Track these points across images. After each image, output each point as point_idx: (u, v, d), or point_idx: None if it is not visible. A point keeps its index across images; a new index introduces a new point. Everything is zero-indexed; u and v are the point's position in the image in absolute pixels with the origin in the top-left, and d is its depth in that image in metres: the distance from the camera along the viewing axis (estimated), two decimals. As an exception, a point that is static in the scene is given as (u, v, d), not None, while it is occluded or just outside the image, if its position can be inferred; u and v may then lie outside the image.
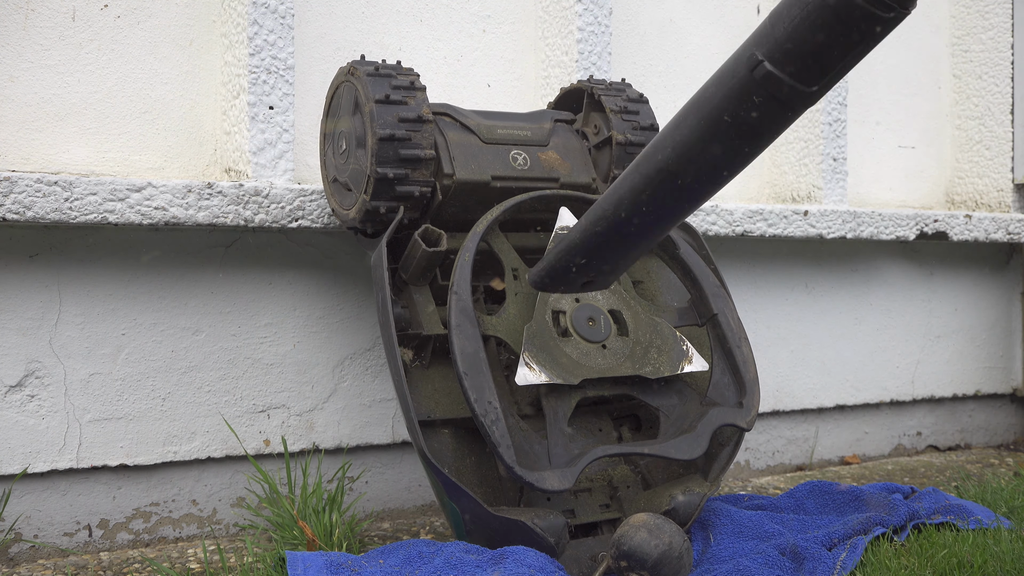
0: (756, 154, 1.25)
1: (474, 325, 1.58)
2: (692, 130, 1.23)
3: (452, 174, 1.73)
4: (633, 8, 2.44)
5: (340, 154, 1.78)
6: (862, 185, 2.80)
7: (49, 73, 1.81)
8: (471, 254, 1.64)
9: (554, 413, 1.62)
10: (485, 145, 1.79)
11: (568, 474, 1.54)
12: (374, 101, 1.68)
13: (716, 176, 1.27)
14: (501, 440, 1.51)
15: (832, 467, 2.60)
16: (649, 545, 1.48)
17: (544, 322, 1.65)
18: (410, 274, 1.72)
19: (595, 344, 1.68)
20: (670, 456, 1.62)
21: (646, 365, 1.70)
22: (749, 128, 1.20)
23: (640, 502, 1.69)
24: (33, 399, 1.75)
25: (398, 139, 1.67)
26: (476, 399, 1.53)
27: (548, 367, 1.61)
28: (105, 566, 1.72)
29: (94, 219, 1.70)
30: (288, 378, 1.95)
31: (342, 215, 1.78)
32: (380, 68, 1.73)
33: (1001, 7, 2.91)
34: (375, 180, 1.67)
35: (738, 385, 1.74)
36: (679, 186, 1.29)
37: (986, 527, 1.82)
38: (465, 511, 1.56)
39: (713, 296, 1.79)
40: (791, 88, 1.14)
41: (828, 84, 1.15)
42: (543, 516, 1.54)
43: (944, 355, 2.85)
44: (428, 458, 1.54)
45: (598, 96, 1.93)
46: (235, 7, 1.89)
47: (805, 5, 1.10)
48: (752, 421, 1.70)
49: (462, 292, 1.60)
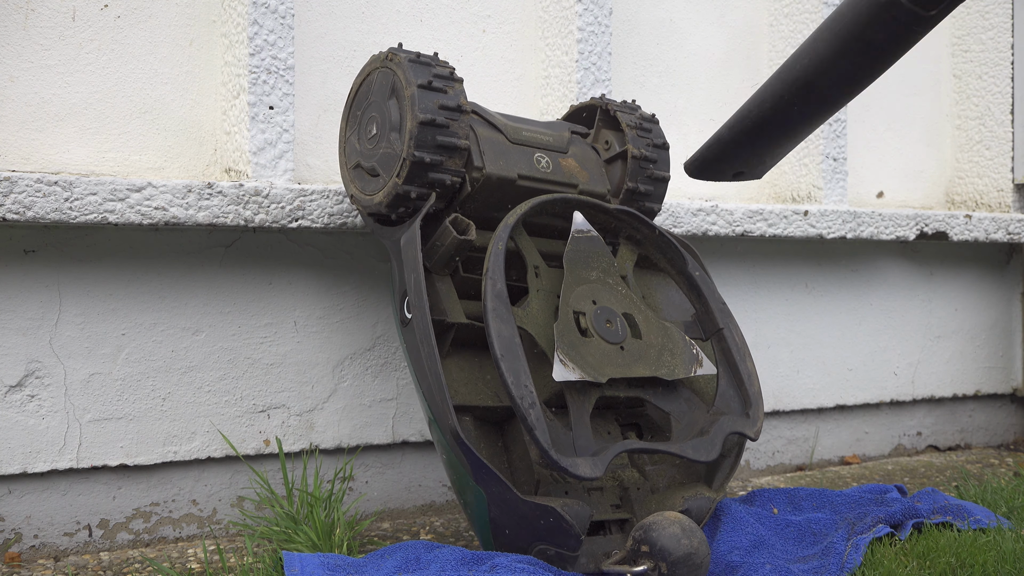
0: (883, 70, 1.37)
1: (509, 310, 1.60)
2: (828, 45, 1.35)
3: (482, 167, 1.74)
4: (633, 8, 2.44)
5: (368, 139, 1.78)
6: (862, 185, 2.80)
7: (49, 73, 1.81)
8: (503, 243, 1.66)
9: (578, 407, 1.63)
10: (512, 145, 1.81)
11: (599, 462, 1.56)
12: (416, 86, 1.69)
13: (847, 87, 1.40)
14: (537, 424, 1.52)
15: (832, 467, 2.60)
16: (679, 541, 1.49)
17: (569, 321, 1.67)
18: (435, 261, 1.74)
19: (614, 345, 1.70)
20: (688, 456, 1.64)
21: (662, 367, 1.72)
22: (875, 47, 1.31)
23: (651, 504, 1.72)
24: (33, 399, 1.75)
25: (437, 125, 1.69)
26: (513, 382, 1.53)
27: (579, 364, 1.63)
28: (105, 566, 1.72)
29: (94, 219, 1.70)
30: (288, 378, 1.95)
31: (364, 201, 1.78)
32: (421, 56, 1.75)
33: (1001, 7, 2.91)
34: (411, 163, 1.68)
35: (743, 398, 1.78)
36: (816, 94, 1.41)
37: (986, 527, 1.82)
38: (492, 496, 1.56)
39: (719, 312, 1.83)
40: (911, 12, 1.25)
41: (945, 11, 1.26)
42: (570, 505, 1.56)
43: (944, 355, 2.85)
44: (460, 438, 1.54)
45: (613, 112, 1.96)
46: (235, 7, 1.89)
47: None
48: (758, 432, 1.74)
49: (496, 278, 1.61)
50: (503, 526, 1.58)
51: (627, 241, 1.88)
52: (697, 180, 1.68)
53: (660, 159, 1.95)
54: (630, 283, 1.83)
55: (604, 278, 1.76)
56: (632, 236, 1.88)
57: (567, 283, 1.71)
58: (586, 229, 1.78)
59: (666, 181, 1.96)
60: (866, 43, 1.31)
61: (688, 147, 2.48)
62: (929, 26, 1.29)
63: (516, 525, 1.56)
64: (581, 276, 1.73)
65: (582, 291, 1.71)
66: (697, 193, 2.51)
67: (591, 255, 1.77)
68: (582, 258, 1.76)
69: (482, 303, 1.60)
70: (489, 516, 1.58)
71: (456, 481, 1.63)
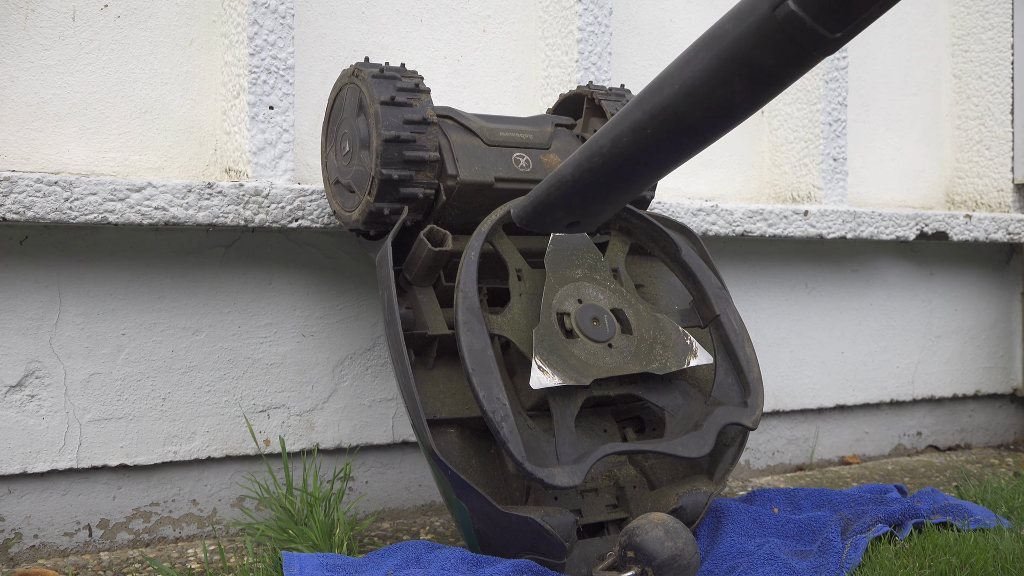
0: (768, 99, 1.18)
1: (481, 323, 1.58)
2: (703, 68, 1.16)
3: (456, 175, 1.73)
4: (633, 8, 2.44)
5: (343, 156, 1.78)
6: (862, 185, 2.80)
7: (49, 73, 1.81)
8: (476, 253, 1.65)
9: (561, 412, 1.62)
10: (488, 147, 1.79)
11: (577, 471, 1.54)
12: (379, 103, 1.68)
13: (725, 119, 1.20)
14: (510, 436, 1.51)
15: (832, 467, 2.60)
16: (662, 544, 1.49)
17: (550, 324, 1.65)
18: (415, 274, 1.72)
19: (601, 344, 1.68)
20: (677, 454, 1.62)
21: (653, 362, 1.70)
22: (764, 71, 1.13)
23: (647, 502, 1.70)
24: (33, 399, 1.75)
25: (403, 141, 1.67)
26: (485, 396, 1.52)
27: (560, 369, 1.61)
28: (105, 566, 1.72)
29: (94, 219, 1.70)
30: (288, 378, 1.95)
31: (344, 217, 1.78)
32: (385, 70, 1.73)
33: (1001, 7, 2.91)
34: (379, 182, 1.67)
35: (742, 385, 1.75)
36: (684, 126, 1.22)
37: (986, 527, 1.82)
38: (473, 509, 1.56)
39: (715, 298, 1.80)
40: (813, 32, 1.07)
41: (851, 32, 1.08)
42: (553, 514, 1.55)
43: (944, 355, 2.85)
44: (436, 455, 1.54)
45: (598, 101, 1.94)
46: (235, 7, 1.89)
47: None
48: (757, 420, 1.71)
49: (468, 290, 1.60)
50: (488, 537, 1.58)
51: (618, 232, 1.86)
52: (528, 228, 1.52)
53: None
54: (622, 276, 1.80)
55: (590, 275, 1.74)
56: (623, 227, 1.86)
57: (548, 285, 1.69)
58: None
59: None
60: (752, 67, 1.12)
61: (688, 147, 2.47)
62: (829, 51, 1.10)
63: (500, 536, 1.56)
64: (565, 276, 1.72)
65: (566, 291, 1.70)
66: (697, 193, 2.51)
67: (576, 252, 1.75)
68: (565, 257, 1.74)
69: (454, 316, 1.59)
70: (474, 528, 1.59)
71: (442, 493, 1.64)
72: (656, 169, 1.31)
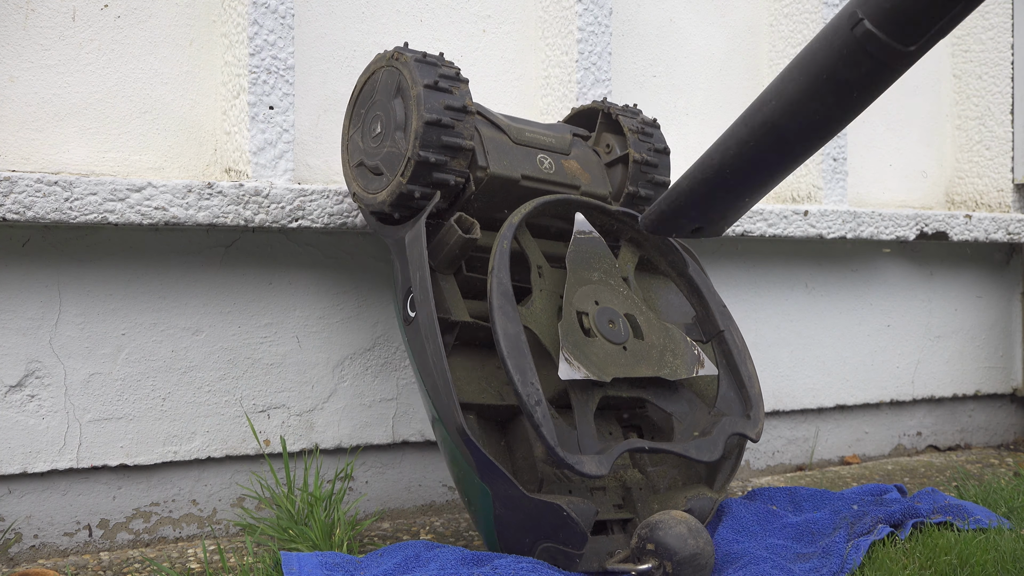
0: (858, 111, 1.29)
1: (515, 308, 1.60)
2: (797, 85, 1.27)
3: (486, 167, 1.75)
4: (633, 8, 2.44)
5: (372, 137, 1.78)
6: (862, 185, 2.80)
7: (49, 73, 1.81)
8: (509, 241, 1.67)
9: (582, 406, 1.64)
10: (515, 145, 1.82)
11: (604, 460, 1.56)
12: (422, 86, 1.69)
13: (820, 130, 1.32)
14: (543, 421, 1.52)
15: (832, 467, 2.60)
16: (685, 541, 1.49)
17: (573, 321, 1.67)
18: (440, 260, 1.74)
19: (617, 345, 1.70)
20: (691, 456, 1.65)
21: (664, 367, 1.73)
22: (848, 87, 1.23)
23: (653, 504, 1.72)
24: (33, 399, 1.75)
25: (443, 125, 1.69)
26: (520, 380, 1.53)
27: (584, 363, 1.63)
28: (105, 566, 1.72)
29: (94, 219, 1.70)
30: (288, 378, 1.95)
31: (367, 199, 1.78)
32: (427, 56, 1.75)
33: (1001, 7, 2.91)
34: (416, 163, 1.68)
35: (743, 400, 1.79)
36: (784, 140, 1.33)
37: (986, 527, 1.82)
38: (497, 494, 1.56)
39: (720, 314, 1.84)
40: (888, 46, 1.17)
41: (926, 45, 1.18)
42: (576, 503, 1.56)
43: (944, 355, 2.85)
44: (467, 435, 1.54)
45: (615, 116, 1.97)
46: (235, 7, 1.89)
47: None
48: (759, 433, 1.74)
49: (502, 276, 1.62)
50: (508, 524, 1.58)
51: (628, 243, 1.89)
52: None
53: (661, 164, 1.95)
54: (631, 284, 1.83)
55: (606, 279, 1.77)
56: (633, 238, 1.88)
57: (570, 283, 1.71)
58: (588, 230, 1.78)
59: (667, 186, 1.96)
60: (838, 83, 1.23)
61: (688, 147, 2.48)
62: (907, 64, 1.20)
63: (521, 523, 1.56)
64: (583, 277, 1.74)
65: (585, 291, 1.72)
66: (697, 193, 2.51)
67: (593, 256, 1.77)
68: (584, 259, 1.76)
69: (488, 300, 1.60)
70: (494, 514, 1.58)
71: (461, 479, 1.63)
72: (762, 181, 1.43)
